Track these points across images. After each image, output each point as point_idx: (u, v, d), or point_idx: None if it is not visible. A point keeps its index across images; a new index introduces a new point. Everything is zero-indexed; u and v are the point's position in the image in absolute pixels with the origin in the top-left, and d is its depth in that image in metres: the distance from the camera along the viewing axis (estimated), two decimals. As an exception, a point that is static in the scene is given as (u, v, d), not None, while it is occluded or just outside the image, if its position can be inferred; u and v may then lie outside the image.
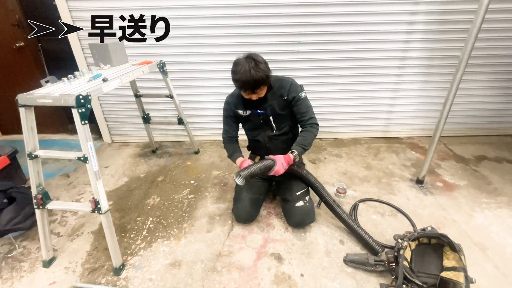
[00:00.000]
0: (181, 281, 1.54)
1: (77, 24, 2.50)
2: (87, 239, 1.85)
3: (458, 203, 2.07)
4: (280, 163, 1.65)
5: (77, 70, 2.27)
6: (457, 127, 3.03)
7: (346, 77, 2.79)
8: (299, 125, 1.83)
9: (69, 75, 1.64)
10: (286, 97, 1.70)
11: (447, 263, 1.43)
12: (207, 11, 2.47)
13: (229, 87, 2.75)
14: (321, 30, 2.55)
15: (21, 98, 1.37)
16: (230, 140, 1.92)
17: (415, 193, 2.19)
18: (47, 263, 1.65)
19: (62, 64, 2.78)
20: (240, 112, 1.80)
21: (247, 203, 1.86)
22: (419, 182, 2.27)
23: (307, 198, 1.83)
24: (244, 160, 1.80)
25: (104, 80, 1.62)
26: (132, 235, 1.86)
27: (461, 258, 1.37)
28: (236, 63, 1.57)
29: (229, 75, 2.73)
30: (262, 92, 1.64)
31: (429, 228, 1.55)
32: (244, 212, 1.87)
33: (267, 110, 1.74)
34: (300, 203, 1.80)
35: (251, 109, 1.77)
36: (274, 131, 1.83)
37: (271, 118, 1.77)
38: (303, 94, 1.72)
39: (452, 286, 1.30)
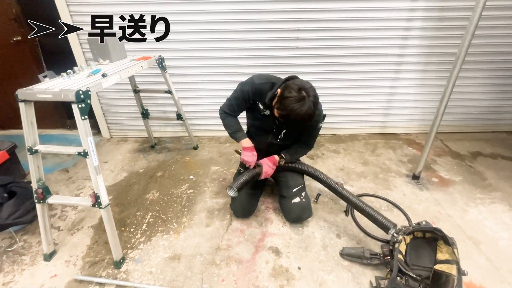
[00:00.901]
0: (180, 274, 1.57)
1: (75, 19, 2.50)
2: (87, 233, 1.87)
3: (453, 198, 2.11)
4: (267, 165, 1.74)
5: (76, 65, 2.28)
6: (453, 124, 3.06)
7: (344, 73, 2.80)
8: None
9: (68, 70, 1.64)
10: (308, 122, 1.64)
11: (440, 256, 1.46)
12: (206, 6, 2.46)
13: (227, 83, 2.79)
14: (319, 26, 2.56)
15: (21, 93, 1.37)
16: (230, 116, 1.80)
17: (411, 188, 2.22)
18: (48, 257, 1.67)
19: (60, 59, 2.76)
20: (261, 106, 1.69)
21: (244, 198, 1.89)
22: (415, 177, 2.30)
23: (303, 194, 1.86)
24: (252, 148, 1.77)
25: (104, 75, 1.62)
26: (132, 229, 1.89)
27: (454, 251, 1.41)
28: (293, 99, 1.39)
29: (228, 70, 2.78)
30: None
31: (424, 223, 1.58)
32: (242, 207, 1.90)
33: (286, 124, 1.69)
34: (297, 200, 1.83)
35: (271, 110, 1.64)
36: (278, 141, 1.83)
37: (284, 130, 1.77)
38: (321, 125, 1.72)
39: (445, 278, 1.34)
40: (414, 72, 2.80)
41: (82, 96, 1.34)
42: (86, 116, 1.38)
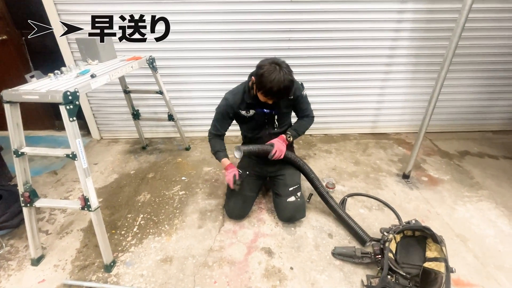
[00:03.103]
0: (172, 276, 1.56)
1: (63, 18, 2.45)
2: (77, 237, 1.84)
3: (441, 197, 2.15)
4: (278, 142, 1.76)
5: (64, 65, 2.23)
6: (442, 123, 3.12)
7: (335, 73, 2.83)
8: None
9: (56, 71, 1.61)
10: (291, 97, 1.72)
11: (429, 254, 1.49)
12: (197, 6, 2.45)
13: (219, 83, 2.79)
14: (311, 27, 2.57)
15: (6, 94, 1.34)
16: (217, 137, 1.88)
17: (401, 187, 2.25)
18: (36, 261, 1.63)
19: (48, 58, 2.71)
20: (243, 112, 1.77)
21: (240, 200, 1.89)
22: (405, 177, 2.34)
23: (299, 194, 1.87)
24: (231, 164, 1.82)
25: (92, 76, 1.59)
26: (122, 232, 1.86)
27: (442, 249, 1.44)
28: (265, 69, 1.49)
29: (219, 71, 2.77)
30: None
31: (413, 221, 1.61)
32: (236, 209, 1.90)
33: (274, 109, 1.75)
34: (292, 199, 1.83)
35: (255, 108, 1.75)
36: (276, 129, 1.85)
37: (276, 116, 1.80)
38: (304, 93, 1.79)
39: (433, 276, 1.36)
40: (404, 72, 2.85)
41: (70, 97, 1.32)
42: (75, 118, 1.35)
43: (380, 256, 1.51)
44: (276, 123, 1.83)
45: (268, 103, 1.65)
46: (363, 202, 2.10)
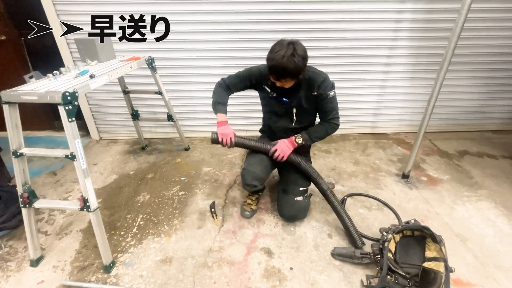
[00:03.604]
0: (172, 277, 1.56)
1: (62, 18, 2.44)
2: (76, 237, 1.83)
3: (441, 196, 2.15)
4: (283, 143, 1.66)
5: (63, 65, 2.21)
6: (441, 123, 3.13)
7: (334, 73, 2.77)
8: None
9: (55, 71, 1.60)
10: (315, 93, 1.64)
11: (429, 253, 1.49)
12: (196, 6, 2.45)
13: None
14: (310, 27, 2.57)
15: (5, 94, 1.33)
16: (227, 89, 1.76)
17: (400, 187, 2.26)
18: (35, 262, 1.63)
19: (47, 59, 2.70)
20: (268, 89, 1.71)
21: (259, 160, 1.77)
22: (405, 176, 2.34)
23: (306, 195, 1.87)
24: (225, 122, 1.69)
25: (92, 76, 1.59)
26: (122, 233, 1.86)
27: (441, 249, 1.44)
28: (275, 44, 1.48)
29: (219, 71, 2.77)
30: (288, 83, 1.56)
31: (413, 221, 1.61)
32: (258, 169, 1.75)
33: (293, 101, 1.69)
34: (300, 198, 1.83)
35: (278, 93, 1.69)
36: (293, 124, 1.78)
37: (294, 110, 1.72)
38: (331, 93, 1.65)
39: (433, 276, 1.36)
40: (403, 72, 2.85)
41: (69, 98, 1.32)
42: (73, 118, 1.35)
43: (379, 256, 1.51)
44: (294, 117, 1.75)
45: (276, 85, 1.58)
46: (363, 202, 2.10)
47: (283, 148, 1.67)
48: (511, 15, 2.57)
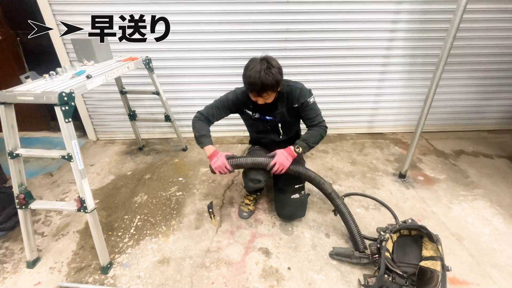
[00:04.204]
0: (169, 277, 1.55)
1: (58, 18, 2.43)
2: (73, 239, 1.82)
3: (437, 196, 2.17)
4: (282, 155, 1.62)
5: (59, 66, 2.21)
6: (437, 123, 3.15)
7: (331, 74, 2.84)
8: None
9: (51, 72, 1.59)
10: (296, 105, 1.67)
11: (425, 253, 1.50)
12: (193, 6, 2.44)
13: (216, 83, 2.78)
14: (307, 28, 2.58)
15: (0, 95, 1.32)
16: (206, 121, 1.74)
17: (397, 187, 2.27)
18: (31, 264, 1.62)
19: (43, 59, 2.69)
20: (249, 112, 1.74)
21: (260, 170, 1.74)
22: (402, 176, 2.35)
23: (303, 192, 1.86)
24: (216, 150, 1.66)
25: (88, 77, 1.59)
26: (119, 233, 1.85)
27: (438, 248, 1.45)
28: (249, 62, 1.52)
29: (216, 71, 2.77)
30: (270, 97, 1.56)
31: (410, 221, 1.62)
32: (259, 174, 1.72)
33: (276, 117, 1.72)
34: (296, 196, 1.83)
35: (260, 112, 1.72)
36: (281, 137, 1.82)
37: (279, 125, 1.76)
38: (311, 100, 1.67)
39: (430, 275, 1.37)
40: (400, 73, 2.86)
41: (65, 98, 1.31)
42: (70, 119, 1.35)
43: (377, 255, 1.51)
44: (281, 131, 1.79)
45: (259, 102, 1.58)
46: (360, 202, 2.11)
47: (283, 161, 1.62)
48: (506, 15, 2.60)
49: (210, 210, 1.99)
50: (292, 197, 1.82)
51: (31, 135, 3.10)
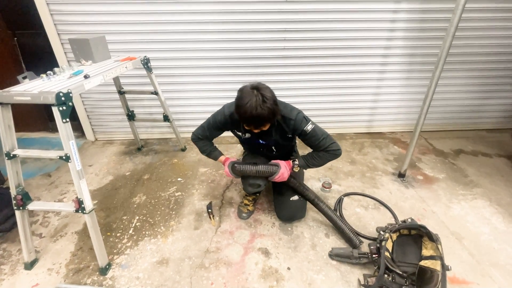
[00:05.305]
0: (168, 278, 1.55)
1: (56, 18, 2.42)
2: (71, 240, 1.81)
3: (437, 195, 2.17)
4: (284, 167, 1.66)
5: (57, 66, 2.20)
6: (436, 122, 3.15)
7: (331, 73, 2.83)
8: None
9: (48, 72, 1.58)
10: (289, 135, 1.64)
11: (425, 252, 1.50)
12: (191, 6, 2.43)
13: (215, 83, 2.78)
14: (306, 27, 2.58)
15: (-3, 95, 1.31)
16: (205, 139, 1.78)
17: (397, 186, 2.27)
18: (29, 265, 1.61)
19: (41, 59, 2.67)
20: (239, 133, 1.71)
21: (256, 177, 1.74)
22: (401, 175, 2.35)
23: None
24: (226, 158, 1.76)
25: (86, 76, 1.58)
26: (118, 234, 1.84)
27: (438, 247, 1.44)
28: (242, 95, 1.39)
29: (214, 71, 2.77)
30: (266, 127, 1.51)
31: (409, 220, 1.62)
32: (258, 180, 1.72)
33: (270, 142, 1.70)
34: (295, 197, 1.83)
35: (252, 134, 1.65)
36: (274, 153, 1.82)
37: (273, 147, 1.75)
38: (309, 127, 1.56)
39: (429, 274, 1.37)
40: (399, 72, 2.86)
41: (63, 99, 1.30)
42: (68, 119, 1.34)
43: (377, 255, 1.51)
44: (274, 150, 1.78)
45: (253, 131, 1.52)
46: (359, 201, 2.10)
47: (283, 173, 1.65)
48: (505, 15, 2.60)
49: (209, 210, 1.98)
50: (291, 199, 1.82)
51: (29, 135, 3.08)
